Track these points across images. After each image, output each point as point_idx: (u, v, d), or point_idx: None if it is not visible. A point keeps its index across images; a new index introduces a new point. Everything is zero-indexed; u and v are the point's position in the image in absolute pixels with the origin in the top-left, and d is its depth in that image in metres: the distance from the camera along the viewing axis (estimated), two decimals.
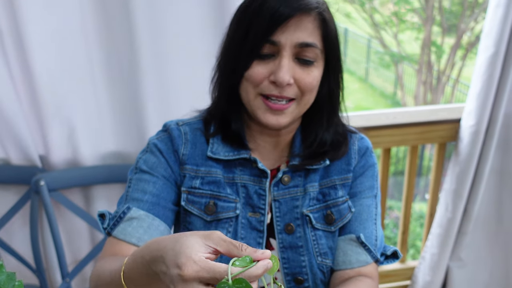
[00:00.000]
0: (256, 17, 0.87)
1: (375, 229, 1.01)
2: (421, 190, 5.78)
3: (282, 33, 0.86)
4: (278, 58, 0.88)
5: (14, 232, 1.60)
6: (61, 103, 1.47)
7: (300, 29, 0.87)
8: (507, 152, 1.87)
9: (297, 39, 0.87)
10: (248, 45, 0.88)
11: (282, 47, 0.87)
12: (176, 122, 1.02)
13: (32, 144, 1.48)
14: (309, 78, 0.90)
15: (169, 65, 1.49)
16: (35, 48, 1.38)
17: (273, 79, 0.88)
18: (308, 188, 0.99)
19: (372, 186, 1.04)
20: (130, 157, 1.58)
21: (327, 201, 1.00)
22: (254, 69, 0.89)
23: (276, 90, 0.89)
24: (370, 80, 9.28)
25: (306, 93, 0.91)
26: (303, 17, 0.87)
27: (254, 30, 0.87)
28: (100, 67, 1.48)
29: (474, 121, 1.79)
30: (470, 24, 6.26)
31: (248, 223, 0.98)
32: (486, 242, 2.00)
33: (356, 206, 1.02)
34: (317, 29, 0.89)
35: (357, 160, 1.03)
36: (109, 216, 0.95)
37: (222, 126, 0.99)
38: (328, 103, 0.97)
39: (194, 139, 0.99)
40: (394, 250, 1.02)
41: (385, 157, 1.94)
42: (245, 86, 0.91)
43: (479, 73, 1.74)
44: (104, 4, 1.40)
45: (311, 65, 0.90)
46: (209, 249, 0.64)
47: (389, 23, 6.95)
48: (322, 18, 0.89)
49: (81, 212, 1.55)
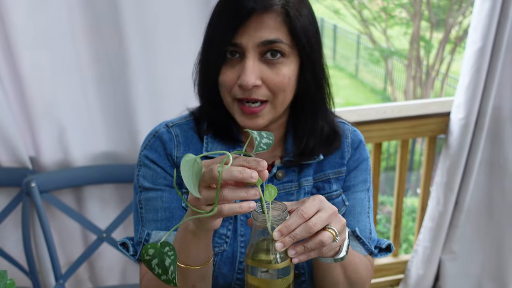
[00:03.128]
0: (218, 21, 0.86)
1: (368, 222, 1.02)
2: (413, 185, 5.81)
3: (243, 34, 0.84)
4: (243, 60, 0.86)
5: (6, 235, 1.59)
6: (51, 104, 1.46)
7: (261, 27, 0.84)
8: (496, 144, 1.89)
9: (260, 38, 0.84)
10: (214, 50, 0.87)
11: (245, 48, 0.85)
12: (165, 124, 1.00)
13: (22, 146, 1.47)
14: (278, 78, 0.87)
15: (158, 64, 1.49)
16: (23, 48, 1.37)
17: (239, 82, 0.86)
18: (302, 182, 0.99)
19: (365, 179, 1.04)
20: (121, 157, 1.58)
21: (321, 194, 1.00)
22: (224, 74, 0.88)
23: (246, 93, 0.87)
24: (360, 76, 9.31)
25: (277, 93, 0.88)
26: (264, 15, 0.84)
27: (217, 35, 0.86)
28: (89, 67, 1.47)
29: (463, 114, 1.80)
30: (458, 19, 6.31)
31: (247, 219, 0.97)
32: (478, 234, 2.02)
33: (350, 200, 1.02)
34: (281, 24, 0.85)
35: (351, 154, 1.03)
36: (131, 243, 0.96)
37: (213, 123, 0.98)
38: (308, 98, 0.94)
39: (186, 140, 0.98)
40: (388, 244, 1.02)
41: (376, 152, 1.95)
42: (222, 91, 0.90)
43: (467, 66, 1.75)
44: (93, 3, 1.40)
45: (279, 63, 0.87)
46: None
47: (378, 19, 6.98)
48: (286, 12, 0.85)
49: (73, 214, 1.55)
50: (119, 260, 1.71)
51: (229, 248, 0.96)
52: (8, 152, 1.48)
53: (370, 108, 1.87)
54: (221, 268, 0.95)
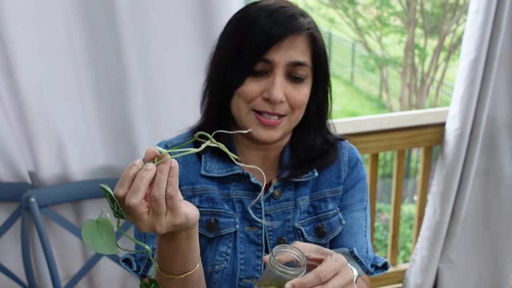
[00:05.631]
0: (248, 35, 0.89)
1: (365, 241, 1.03)
2: (409, 192, 5.83)
3: (276, 52, 0.88)
4: (272, 75, 0.90)
5: (5, 250, 1.59)
6: (49, 119, 1.46)
7: (293, 48, 0.89)
8: (491, 154, 1.90)
9: (290, 58, 0.89)
10: (241, 62, 0.90)
11: (276, 65, 0.89)
12: (165, 144, 1.02)
13: (21, 161, 1.48)
14: (300, 95, 0.92)
15: (156, 78, 1.50)
16: (22, 64, 1.38)
17: (267, 96, 0.90)
18: (298, 201, 1.01)
19: (362, 198, 1.05)
20: (120, 170, 1.58)
21: (317, 213, 1.01)
22: (247, 86, 0.90)
23: (269, 107, 0.91)
24: (356, 84, 9.34)
25: (296, 109, 0.93)
26: (295, 37, 0.89)
27: (247, 48, 0.89)
28: (87, 81, 1.48)
29: (458, 124, 1.82)
30: (452, 26, 6.35)
31: (247, 237, 0.99)
32: (475, 243, 2.04)
33: (347, 219, 1.03)
34: (307, 48, 0.91)
35: (347, 172, 1.04)
36: (134, 258, 0.97)
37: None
38: (316, 118, 0.99)
39: (185, 160, 1.00)
40: (384, 262, 1.03)
41: (373, 162, 1.96)
42: (237, 102, 0.92)
43: (461, 77, 1.77)
44: (91, 19, 1.41)
45: (301, 83, 0.92)
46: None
47: (373, 27, 7.02)
48: (312, 38, 0.92)
49: (73, 228, 1.55)
50: (118, 273, 1.71)
51: (229, 266, 0.97)
52: (7, 167, 1.48)
53: (367, 119, 1.89)
54: (222, 286, 0.96)
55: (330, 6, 6.94)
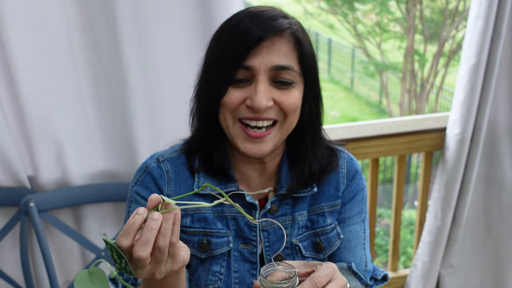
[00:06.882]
0: (228, 43, 0.86)
1: (364, 254, 1.01)
2: (410, 197, 5.82)
3: (255, 58, 0.84)
4: (254, 83, 0.86)
5: (4, 255, 1.58)
6: (49, 123, 1.46)
7: (274, 52, 0.84)
8: (492, 159, 1.90)
9: (271, 63, 0.84)
10: (222, 72, 0.86)
11: (257, 72, 0.85)
12: (156, 158, 0.98)
13: (20, 165, 1.47)
14: (291, 99, 0.87)
15: (156, 83, 1.50)
16: (22, 68, 1.38)
17: (250, 104, 0.86)
18: (296, 216, 0.98)
19: (361, 210, 1.03)
20: (120, 175, 1.58)
21: (315, 228, 0.99)
22: (229, 94, 0.86)
23: (255, 113, 0.86)
24: (356, 89, 9.36)
25: (289, 114, 0.88)
26: (276, 39, 0.84)
27: (227, 56, 0.85)
28: (87, 86, 1.48)
29: (459, 129, 1.82)
30: (452, 32, 6.37)
31: (241, 255, 0.96)
32: (476, 249, 2.03)
33: (345, 233, 1.00)
34: (291, 51, 0.86)
35: (346, 185, 1.01)
36: (122, 278, 0.95)
37: (205, 158, 0.96)
38: (310, 124, 0.94)
39: (177, 177, 0.96)
40: (384, 274, 1.01)
41: (374, 168, 1.96)
42: (223, 113, 0.89)
43: (462, 83, 1.77)
44: (91, 23, 1.41)
45: (289, 87, 0.87)
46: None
47: (372, 33, 7.04)
48: (296, 39, 0.86)
49: (72, 233, 1.54)
50: None
51: (223, 285, 0.95)
52: (6, 171, 1.47)
53: (367, 124, 1.89)
54: None
55: (330, 12, 6.96)
